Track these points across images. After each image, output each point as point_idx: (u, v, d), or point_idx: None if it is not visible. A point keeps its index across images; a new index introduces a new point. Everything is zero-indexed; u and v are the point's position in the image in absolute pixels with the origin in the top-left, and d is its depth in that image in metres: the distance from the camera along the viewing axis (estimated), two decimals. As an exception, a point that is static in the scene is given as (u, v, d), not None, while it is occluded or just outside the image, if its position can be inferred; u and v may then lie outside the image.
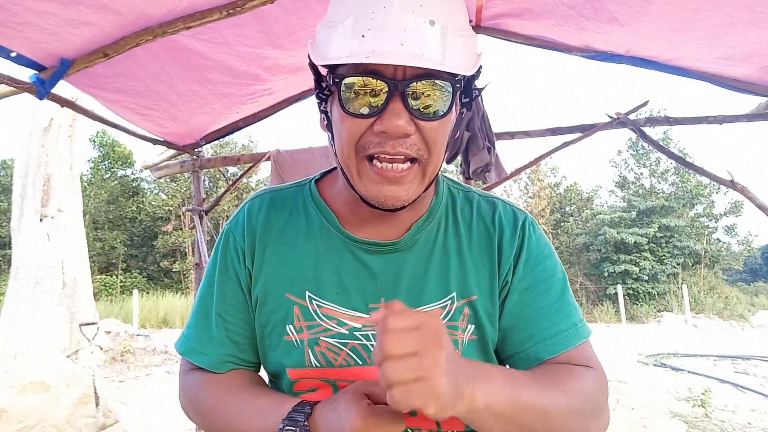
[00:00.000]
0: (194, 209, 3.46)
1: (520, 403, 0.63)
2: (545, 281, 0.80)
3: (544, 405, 0.65)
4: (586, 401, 0.70)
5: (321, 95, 0.75)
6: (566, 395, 0.68)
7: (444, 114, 0.69)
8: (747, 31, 2.00)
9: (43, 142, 9.21)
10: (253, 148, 21.84)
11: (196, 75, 2.32)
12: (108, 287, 19.03)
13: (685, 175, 20.75)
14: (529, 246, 0.81)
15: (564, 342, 0.76)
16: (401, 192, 0.70)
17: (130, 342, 10.35)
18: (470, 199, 0.87)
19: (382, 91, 0.66)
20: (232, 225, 0.85)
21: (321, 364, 0.76)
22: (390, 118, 0.66)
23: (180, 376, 0.85)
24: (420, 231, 0.80)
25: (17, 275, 8.77)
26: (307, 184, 0.87)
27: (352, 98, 0.67)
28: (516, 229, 0.82)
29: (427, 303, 0.77)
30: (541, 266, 0.81)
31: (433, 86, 0.67)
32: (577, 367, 0.75)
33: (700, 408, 5.47)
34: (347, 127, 0.69)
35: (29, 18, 1.61)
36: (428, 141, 0.69)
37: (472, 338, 0.78)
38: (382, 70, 0.65)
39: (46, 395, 4.13)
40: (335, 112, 0.71)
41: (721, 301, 16.90)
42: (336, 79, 0.68)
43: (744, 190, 2.92)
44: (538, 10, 2.22)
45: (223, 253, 0.84)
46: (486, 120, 2.98)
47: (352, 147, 0.70)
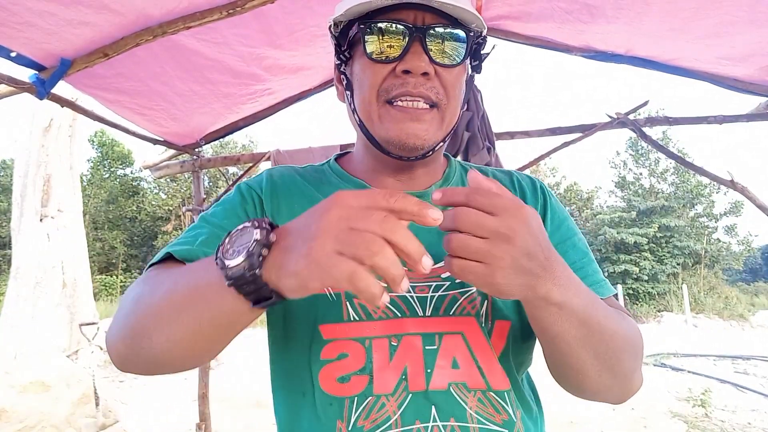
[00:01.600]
0: (194, 209, 3.46)
1: (594, 316, 0.61)
2: (571, 237, 0.82)
3: (610, 329, 0.64)
4: (638, 339, 0.71)
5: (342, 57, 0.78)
6: (625, 328, 0.68)
7: (460, 62, 0.73)
8: (747, 31, 2.00)
9: (43, 142, 9.21)
10: (253, 148, 21.84)
11: (196, 75, 2.32)
12: (108, 287, 19.04)
13: (685, 175, 20.75)
14: (552, 205, 0.83)
15: (601, 292, 0.77)
16: (422, 130, 0.72)
17: (130, 342, 10.35)
18: (484, 171, 0.89)
19: (404, 36, 0.70)
20: (249, 181, 0.82)
21: (360, 318, 0.71)
22: (412, 58, 0.70)
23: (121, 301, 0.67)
24: (441, 186, 0.81)
25: (17, 275, 8.76)
26: (326, 162, 0.89)
27: (375, 44, 0.71)
28: (536, 190, 0.84)
29: None
30: (565, 224, 0.83)
31: (450, 35, 0.72)
32: (621, 312, 0.75)
33: (700, 408, 5.47)
34: (370, 75, 0.73)
35: (29, 18, 1.61)
36: (447, 86, 0.73)
37: None
38: (404, 18, 0.70)
39: (46, 395, 4.13)
40: (357, 65, 0.75)
41: (721, 301, 16.89)
42: (360, 28, 0.72)
43: (744, 190, 2.92)
44: (536, 13, 2.23)
45: (232, 197, 0.79)
46: (486, 120, 2.98)
47: (374, 92, 0.73)
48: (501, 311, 0.74)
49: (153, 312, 0.58)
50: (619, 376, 0.68)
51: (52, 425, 3.88)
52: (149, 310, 0.59)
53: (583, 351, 0.62)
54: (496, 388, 0.71)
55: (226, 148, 21.15)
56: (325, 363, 0.71)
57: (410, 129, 0.72)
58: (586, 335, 0.61)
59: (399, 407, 0.68)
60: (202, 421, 3.27)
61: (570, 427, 5.14)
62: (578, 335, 0.61)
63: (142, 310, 0.60)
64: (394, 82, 0.72)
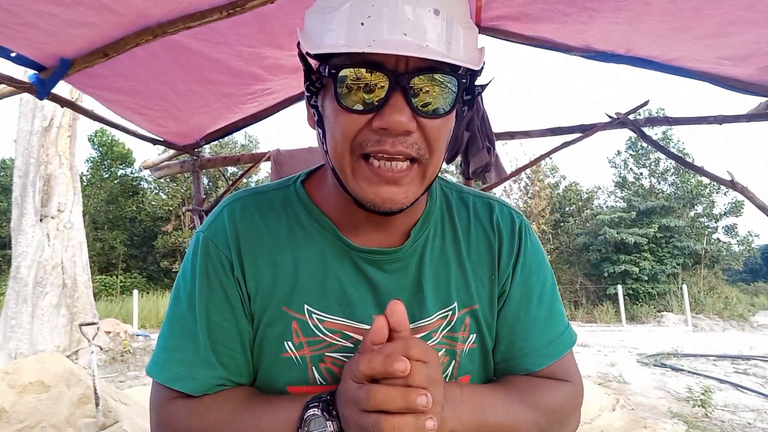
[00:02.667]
0: (194, 209, 3.46)
1: (486, 426, 0.66)
2: (539, 290, 0.79)
3: (509, 425, 0.68)
4: (554, 418, 0.73)
5: (311, 88, 0.68)
6: (534, 414, 0.70)
7: (447, 111, 0.64)
8: (747, 31, 2.00)
9: (43, 142, 9.21)
10: (252, 148, 21.84)
11: (196, 75, 2.32)
12: (108, 287, 19.02)
13: (685, 175, 20.74)
14: (526, 253, 0.79)
15: (552, 353, 0.77)
16: (400, 194, 0.65)
17: (130, 342, 10.35)
18: (465, 200, 0.82)
19: (382, 85, 0.60)
20: (211, 232, 0.74)
21: (328, 381, 0.70)
22: (391, 113, 0.60)
23: (155, 409, 0.72)
24: (419, 237, 0.75)
25: (17, 275, 8.76)
26: (292, 185, 0.79)
27: (349, 92, 0.61)
28: (514, 235, 0.80)
29: (429, 314, 0.73)
30: (536, 273, 0.79)
31: (437, 82, 0.62)
32: (553, 383, 0.76)
33: (700, 408, 5.47)
34: (342, 124, 0.63)
35: (29, 18, 1.61)
36: (430, 140, 0.64)
37: (472, 347, 0.76)
38: (383, 62, 0.60)
39: (46, 395, 4.13)
40: (328, 107, 0.66)
41: (721, 301, 16.89)
42: (332, 71, 0.62)
43: (744, 190, 2.92)
44: (536, 14, 2.24)
45: (204, 264, 0.72)
46: (486, 120, 2.98)
47: (347, 145, 0.64)
48: (465, 367, 0.76)
49: None
50: None
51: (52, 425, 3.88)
52: None
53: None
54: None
55: (226, 148, 21.14)
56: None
57: (386, 193, 0.64)
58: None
59: None
60: (202, 421, 3.27)
61: (570, 427, 5.14)
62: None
63: None
64: (370, 137, 0.63)
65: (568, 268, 20.26)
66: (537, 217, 20.87)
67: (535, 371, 0.76)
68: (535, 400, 0.72)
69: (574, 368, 0.80)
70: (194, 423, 0.68)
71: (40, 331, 8.56)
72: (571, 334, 0.80)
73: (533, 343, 0.76)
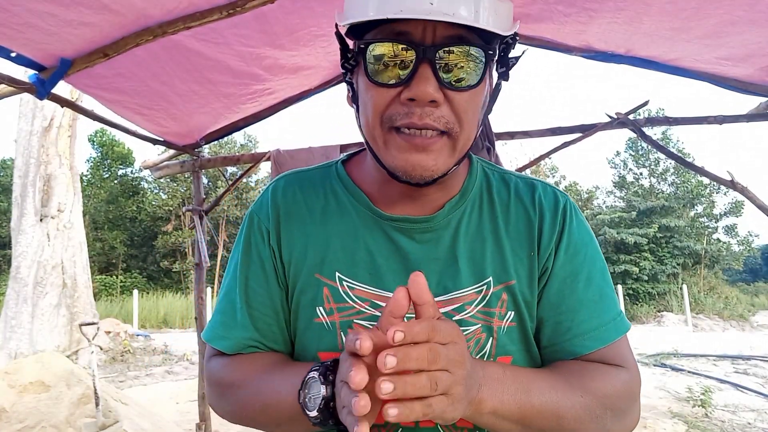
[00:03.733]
0: (194, 209, 3.46)
1: (530, 407, 0.62)
2: (586, 270, 0.75)
3: (556, 409, 0.64)
4: (609, 405, 0.68)
5: (347, 66, 0.72)
6: (585, 399, 0.66)
7: (476, 84, 0.65)
8: (747, 31, 2.00)
9: (43, 142, 9.21)
10: (252, 148, 21.84)
11: (196, 75, 2.32)
12: (108, 287, 19.02)
13: (685, 175, 20.75)
14: (571, 231, 0.76)
15: (602, 337, 0.73)
16: (429, 161, 0.66)
17: (130, 342, 10.35)
18: (507, 180, 0.82)
19: (410, 58, 0.63)
20: (256, 207, 0.81)
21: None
22: (418, 84, 0.62)
23: (205, 365, 0.82)
24: (453, 210, 0.76)
25: (17, 275, 8.76)
26: (334, 165, 0.83)
27: (379, 66, 0.64)
28: (557, 213, 0.77)
29: (461, 287, 0.72)
30: (582, 254, 0.76)
31: (465, 53, 0.63)
32: (607, 367, 0.72)
33: (700, 408, 5.47)
34: (373, 97, 0.66)
35: (29, 19, 1.61)
36: (459, 113, 0.65)
37: (511, 325, 0.73)
38: (410, 32, 0.62)
39: (46, 395, 4.13)
40: (361, 82, 0.69)
41: (721, 301, 16.89)
42: (362, 45, 0.65)
43: (744, 190, 2.92)
44: (535, 15, 2.24)
45: (247, 235, 0.79)
46: (486, 120, 2.98)
47: (378, 118, 0.67)
48: (504, 347, 0.73)
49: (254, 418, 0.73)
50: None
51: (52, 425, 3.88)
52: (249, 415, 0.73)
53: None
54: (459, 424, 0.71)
55: (225, 148, 21.14)
56: None
57: (416, 160, 0.66)
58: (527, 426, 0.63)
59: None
60: (202, 421, 3.27)
61: (570, 427, 5.14)
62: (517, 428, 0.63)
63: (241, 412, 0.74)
64: (399, 110, 0.65)
65: (568, 268, 20.24)
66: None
67: (585, 354, 0.72)
68: (584, 384, 0.67)
69: (630, 355, 0.75)
70: (225, 376, 0.75)
71: (40, 331, 8.55)
72: (624, 321, 0.76)
73: (581, 325, 0.72)
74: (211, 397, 0.79)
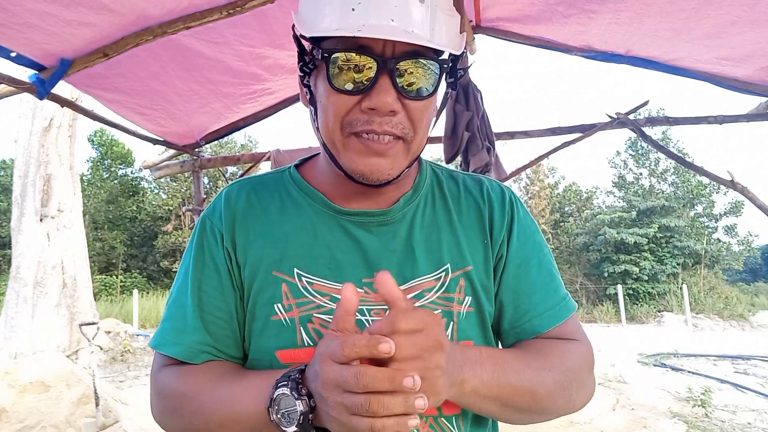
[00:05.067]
0: (194, 209, 3.46)
1: (507, 385, 0.67)
2: (537, 255, 0.81)
3: (531, 386, 0.68)
4: (572, 377, 0.73)
5: (305, 69, 0.74)
6: (553, 374, 0.71)
7: (430, 93, 0.70)
8: (747, 31, 2.00)
9: (43, 142, 9.21)
10: (252, 148, 21.83)
11: (196, 75, 2.32)
12: (108, 287, 19.02)
13: (685, 175, 20.74)
14: (520, 220, 0.82)
15: (557, 315, 0.79)
16: (386, 165, 0.70)
17: (130, 342, 10.36)
18: (455, 177, 0.87)
19: (370, 67, 0.66)
20: (209, 211, 0.81)
21: (315, 342, 0.71)
22: (378, 94, 0.66)
23: (152, 377, 0.77)
24: (408, 204, 0.79)
25: (17, 275, 8.76)
26: (287, 170, 0.85)
27: (340, 73, 0.67)
28: (504, 204, 0.82)
29: (420, 275, 0.75)
30: (532, 240, 0.82)
31: (421, 66, 0.68)
32: (564, 342, 0.77)
33: (700, 408, 5.47)
34: (333, 103, 0.69)
35: (29, 19, 1.61)
36: (414, 120, 0.70)
37: (469, 310, 0.76)
38: (371, 46, 0.66)
39: (46, 395, 4.13)
40: (321, 86, 0.71)
41: (721, 301, 16.88)
42: (324, 54, 0.67)
43: (744, 190, 2.92)
44: (535, 16, 2.24)
45: (200, 239, 0.79)
46: (486, 120, 2.98)
47: (338, 123, 0.70)
48: (465, 331, 0.76)
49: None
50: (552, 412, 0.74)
51: (52, 425, 3.88)
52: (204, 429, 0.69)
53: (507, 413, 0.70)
54: (446, 413, 0.73)
55: (226, 148, 21.14)
56: None
57: (374, 164, 0.70)
58: (505, 403, 0.68)
59: None
60: (202, 421, 3.27)
61: (570, 427, 5.14)
62: (497, 407, 0.68)
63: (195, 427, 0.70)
64: (359, 116, 0.68)
65: (568, 267, 20.25)
66: (537, 217, 20.86)
67: (544, 332, 0.77)
68: (550, 360, 0.73)
69: (581, 330, 0.82)
70: (178, 387, 0.72)
71: (40, 331, 8.56)
72: (572, 301, 0.82)
73: (537, 306, 0.78)
74: (160, 413, 0.74)
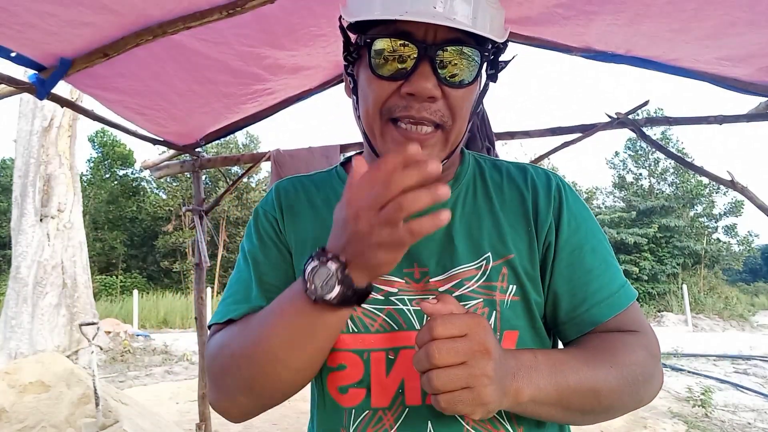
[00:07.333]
0: (194, 209, 3.46)
1: (567, 388, 0.63)
2: (590, 241, 0.77)
3: (592, 385, 0.65)
4: (637, 371, 0.69)
5: (349, 58, 0.76)
6: (616, 369, 0.67)
7: (470, 82, 0.70)
8: (747, 32, 2.00)
9: (43, 142, 9.21)
10: (254, 148, 21.84)
11: (196, 75, 2.31)
12: (108, 287, 19.02)
13: (684, 175, 20.74)
14: (569, 206, 0.79)
15: (616, 304, 0.74)
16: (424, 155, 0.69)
17: (130, 342, 10.36)
18: (498, 166, 0.86)
19: (411, 55, 0.67)
20: (262, 203, 0.85)
21: (358, 329, 0.72)
22: (418, 80, 0.66)
23: (208, 347, 0.75)
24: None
25: (17, 275, 8.76)
26: (334, 169, 0.88)
27: (381, 61, 0.68)
28: (550, 189, 0.80)
29: (460, 264, 0.74)
30: (584, 226, 0.79)
31: (462, 54, 0.68)
32: (626, 335, 0.73)
33: (700, 408, 5.48)
34: (374, 90, 0.70)
35: (29, 18, 1.61)
36: (453, 108, 0.70)
37: (514, 299, 0.74)
38: (413, 32, 0.66)
39: (46, 395, 4.13)
40: (362, 74, 0.73)
41: (721, 301, 16.89)
42: (367, 40, 0.69)
43: (744, 190, 2.92)
44: (535, 17, 2.24)
45: (255, 225, 0.83)
46: (486, 120, 2.98)
47: (378, 109, 0.70)
48: (510, 321, 0.73)
49: (268, 359, 0.65)
50: (619, 410, 0.70)
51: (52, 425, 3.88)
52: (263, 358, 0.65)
53: (570, 416, 0.67)
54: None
55: (227, 148, 21.14)
56: (330, 371, 0.74)
57: None
58: (567, 407, 0.64)
59: (396, 421, 0.70)
60: (202, 421, 3.27)
61: (570, 427, 5.14)
62: (559, 411, 0.65)
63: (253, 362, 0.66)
64: (398, 102, 0.69)
65: (568, 268, 20.26)
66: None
67: (603, 322, 0.73)
68: (612, 355, 0.68)
69: (643, 319, 0.78)
70: (228, 336, 0.72)
71: (40, 331, 8.55)
72: (631, 288, 0.78)
73: (595, 295, 0.74)
74: (217, 372, 0.71)
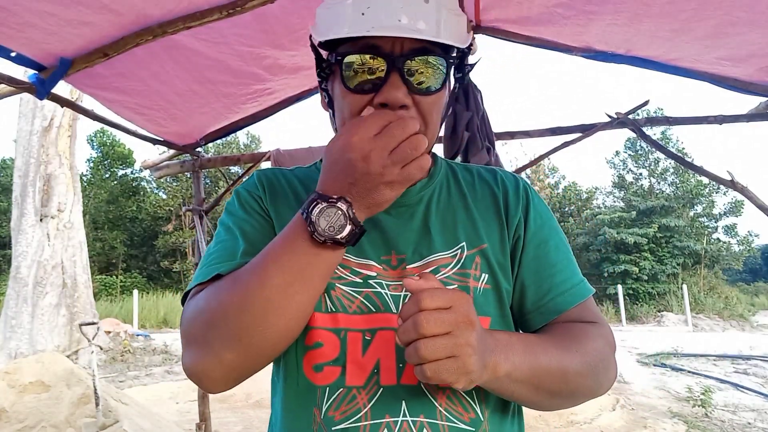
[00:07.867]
0: (194, 209, 3.46)
1: (538, 367, 0.68)
2: (554, 238, 0.84)
3: (561, 367, 0.70)
4: (598, 358, 0.75)
5: (322, 74, 0.79)
6: (581, 355, 0.72)
7: (438, 89, 0.73)
8: (747, 32, 2.00)
9: (43, 142, 9.21)
10: (255, 148, 21.84)
11: (196, 75, 2.32)
12: (108, 287, 19.02)
13: (684, 175, 20.75)
14: (535, 205, 0.85)
15: (578, 293, 0.81)
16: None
17: (130, 342, 10.37)
18: (469, 168, 0.92)
19: (381, 68, 0.70)
20: (244, 185, 0.87)
21: (336, 309, 0.75)
22: (389, 90, 0.69)
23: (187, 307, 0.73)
24: (424, 189, 0.84)
25: (17, 275, 8.77)
26: (313, 164, 0.91)
27: (353, 75, 0.72)
28: (518, 189, 0.86)
29: (436, 252, 0.79)
30: (548, 224, 0.85)
31: (428, 63, 0.72)
32: (587, 325, 0.79)
33: (700, 408, 5.48)
34: (349, 103, 0.73)
35: (29, 18, 1.61)
36: (425, 114, 0.73)
37: (486, 287, 0.79)
38: (381, 45, 0.70)
39: (46, 395, 4.13)
40: (336, 89, 0.76)
41: (721, 301, 16.90)
42: (338, 57, 0.73)
43: (744, 190, 2.92)
44: (535, 17, 2.24)
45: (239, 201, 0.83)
46: (486, 120, 2.98)
47: None
48: (482, 307, 0.77)
49: (262, 305, 0.64)
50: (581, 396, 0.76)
51: (52, 425, 3.88)
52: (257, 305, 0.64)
53: (539, 397, 0.71)
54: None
55: (228, 148, 21.15)
56: (307, 349, 0.75)
57: None
58: (537, 386, 0.69)
59: (369, 401, 0.71)
60: (202, 421, 3.27)
61: (570, 427, 5.15)
62: (530, 390, 0.69)
63: (245, 309, 0.65)
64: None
65: (568, 268, 20.25)
66: (537, 217, 20.85)
67: (567, 311, 0.79)
68: (578, 342, 0.74)
69: (600, 314, 0.84)
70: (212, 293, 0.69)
71: (40, 331, 8.56)
72: (589, 284, 0.84)
73: (559, 285, 0.80)
74: (200, 328, 0.68)
